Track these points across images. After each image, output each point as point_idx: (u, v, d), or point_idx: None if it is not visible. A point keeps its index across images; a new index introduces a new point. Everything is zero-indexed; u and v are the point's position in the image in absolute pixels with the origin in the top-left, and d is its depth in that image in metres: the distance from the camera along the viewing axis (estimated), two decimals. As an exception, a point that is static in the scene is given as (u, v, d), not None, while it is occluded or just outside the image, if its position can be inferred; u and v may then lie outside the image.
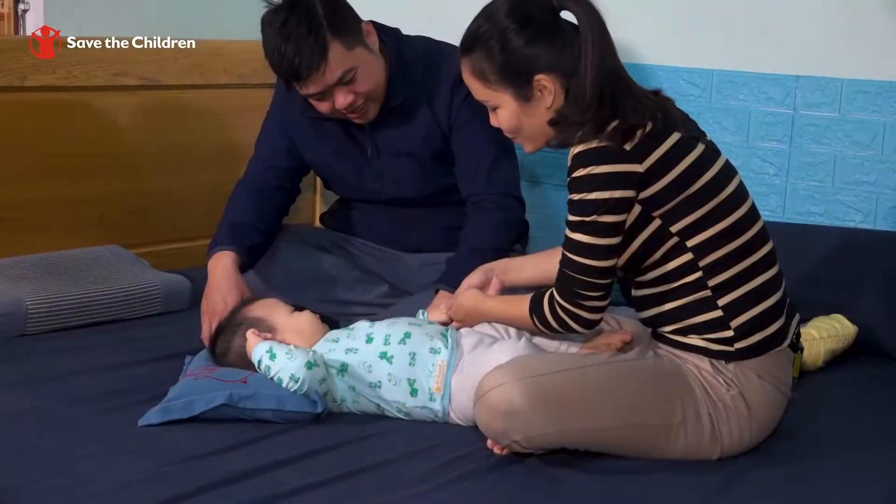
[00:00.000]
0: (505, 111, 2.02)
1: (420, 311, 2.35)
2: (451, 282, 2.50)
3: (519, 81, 1.97)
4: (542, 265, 2.28)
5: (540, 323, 2.04)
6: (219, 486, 1.78)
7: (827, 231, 2.77)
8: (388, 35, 2.66)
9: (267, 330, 2.20)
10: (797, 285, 2.51)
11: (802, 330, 2.47)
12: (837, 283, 2.65)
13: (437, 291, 2.52)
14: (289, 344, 2.13)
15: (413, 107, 2.65)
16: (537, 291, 2.07)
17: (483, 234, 2.60)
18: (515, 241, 2.74)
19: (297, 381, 2.05)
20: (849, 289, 2.63)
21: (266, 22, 2.48)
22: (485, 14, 2.01)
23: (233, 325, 2.25)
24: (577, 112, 1.92)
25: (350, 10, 2.55)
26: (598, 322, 2.00)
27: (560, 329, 2.01)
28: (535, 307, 2.04)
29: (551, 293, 2.00)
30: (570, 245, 1.95)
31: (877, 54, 2.75)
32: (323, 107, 2.56)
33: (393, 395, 2.11)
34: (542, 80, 1.96)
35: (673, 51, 3.04)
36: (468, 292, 2.25)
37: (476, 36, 1.99)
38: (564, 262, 1.96)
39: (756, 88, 2.92)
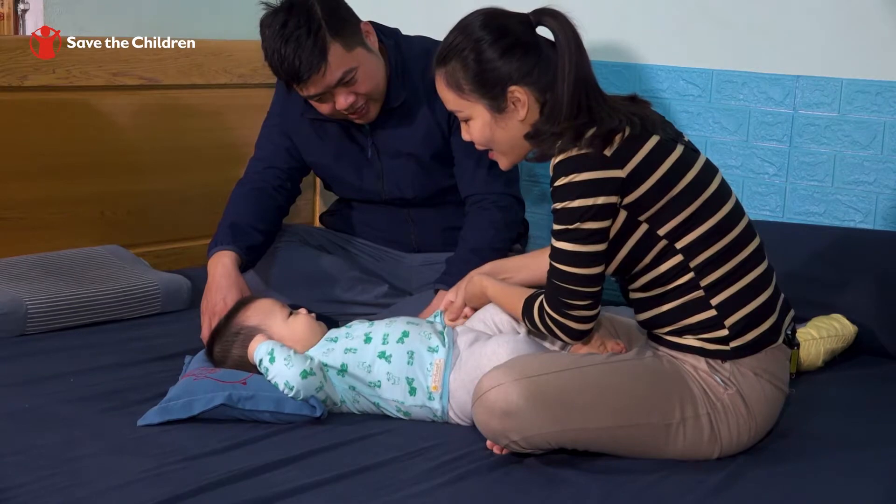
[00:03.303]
0: (477, 122, 2.03)
1: (437, 313, 2.34)
2: (451, 282, 2.50)
3: (493, 92, 1.99)
4: (532, 267, 2.29)
5: (531, 326, 2.06)
6: (219, 486, 1.78)
7: (826, 231, 2.77)
8: (387, 35, 2.66)
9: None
10: (796, 285, 2.52)
11: (802, 330, 2.48)
12: (837, 282, 2.64)
13: (436, 292, 2.52)
14: (289, 349, 2.13)
15: (413, 107, 2.65)
16: (533, 292, 2.08)
17: (482, 234, 2.60)
18: (515, 240, 2.74)
19: (291, 389, 2.06)
20: (848, 288, 2.63)
21: (265, 24, 2.48)
22: (459, 27, 2.03)
23: (230, 333, 2.24)
24: (553, 125, 1.93)
25: (349, 11, 2.55)
26: (587, 332, 2.00)
27: (549, 336, 2.03)
28: (527, 310, 2.05)
29: (541, 301, 2.01)
30: (555, 254, 1.95)
31: (877, 54, 2.75)
32: (324, 108, 2.56)
33: (392, 394, 2.12)
34: (516, 91, 1.98)
35: (673, 51, 3.04)
36: (474, 279, 2.26)
37: (451, 47, 2.01)
38: (551, 271, 1.96)
39: (756, 88, 2.92)
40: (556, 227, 1.93)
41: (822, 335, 2.49)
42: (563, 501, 1.80)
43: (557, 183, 1.91)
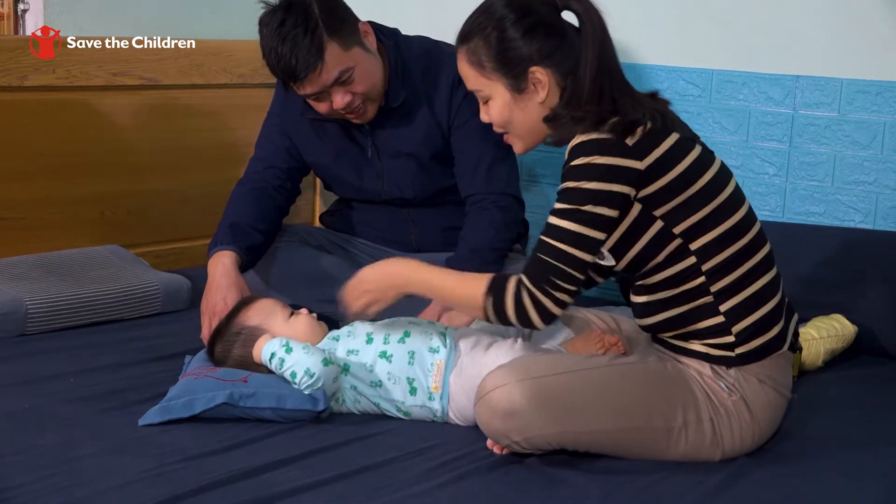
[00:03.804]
0: (497, 102, 2.01)
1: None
2: None
3: (514, 72, 1.97)
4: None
5: (494, 307, 1.94)
6: (219, 486, 1.78)
7: (826, 231, 2.77)
8: (386, 35, 2.66)
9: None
10: (797, 285, 2.52)
11: (802, 330, 2.48)
12: (837, 282, 2.65)
13: None
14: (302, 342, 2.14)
15: (413, 107, 2.65)
16: (499, 273, 2.02)
17: (482, 234, 2.60)
18: (515, 240, 2.74)
19: (311, 376, 2.04)
20: (848, 288, 2.63)
21: (263, 23, 2.48)
22: (482, 7, 2.02)
23: (231, 333, 2.24)
24: (571, 109, 1.92)
25: (347, 10, 2.55)
26: (555, 318, 1.94)
27: (514, 317, 1.93)
28: (496, 288, 1.94)
29: (519, 277, 1.94)
30: (553, 232, 1.91)
31: (877, 54, 2.75)
32: (321, 107, 2.56)
33: (393, 393, 2.12)
34: (537, 72, 1.96)
35: (673, 51, 3.04)
36: (397, 258, 2.14)
37: (474, 25, 2.00)
38: (543, 249, 1.91)
39: (756, 88, 2.92)
40: (560, 206, 1.90)
41: (823, 335, 2.49)
42: (562, 502, 1.80)
43: (575, 162, 1.89)
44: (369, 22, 2.62)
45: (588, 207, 1.88)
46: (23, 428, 2.00)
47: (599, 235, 1.90)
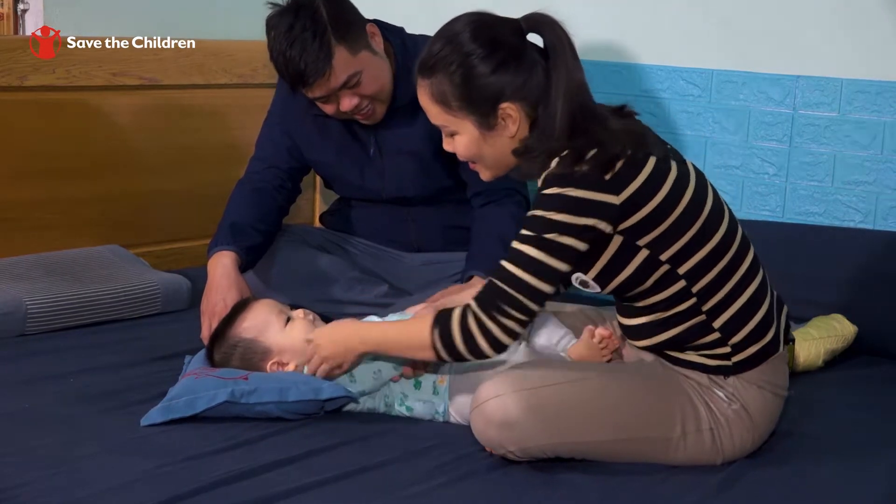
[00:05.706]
0: (464, 138, 1.93)
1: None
2: (482, 266, 2.46)
3: (483, 109, 1.88)
4: None
5: (441, 340, 1.87)
6: (219, 486, 1.78)
7: (826, 231, 2.77)
8: (392, 34, 2.66)
9: (261, 352, 2.18)
10: (796, 285, 2.52)
11: (802, 330, 2.47)
12: (837, 283, 2.64)
13: (470, 278, 2.50)
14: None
15: (417, 106, 2.63)
16: (442, 308, 1.93)
17: (505, 224, 2.54)
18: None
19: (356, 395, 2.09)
20: (848, 289, 2.63)
21: (270, 25, 2.48)
22: (446, 36, 1.91)
23: (228, 344, 2.22)
24: (544, 142, 1.86)
25: (354, 13, 2.54)
26: (504, 349, 1.86)
27: (462, 347, 1.86)
28: (441, 320, 1.88)
29: (465, 305, 1.87)
30: (513, 257, 1.83)
31: (877, 54, 2.75)
32: (328, 108, 2.56)
33: (398, 387, 2.12)
34: (508, 108, 1.88)
35: (673, 51, 3.04)
36: (343, 322, 2.06)
37: (438, 58, 1.89)
38: (499, 275, 1.84)
39: (756, 88, 2.92)
40: (525, 232, 1.84)
41: (822, 335, 2.49)
42: (562, 501, 1.80)
43: (547, 191, 1.83)
44: (375, 20, 2.62)
45: (552, 236, 1.81)
46: (23, 428, 2.00)
47: (562, 266, 1.83)
